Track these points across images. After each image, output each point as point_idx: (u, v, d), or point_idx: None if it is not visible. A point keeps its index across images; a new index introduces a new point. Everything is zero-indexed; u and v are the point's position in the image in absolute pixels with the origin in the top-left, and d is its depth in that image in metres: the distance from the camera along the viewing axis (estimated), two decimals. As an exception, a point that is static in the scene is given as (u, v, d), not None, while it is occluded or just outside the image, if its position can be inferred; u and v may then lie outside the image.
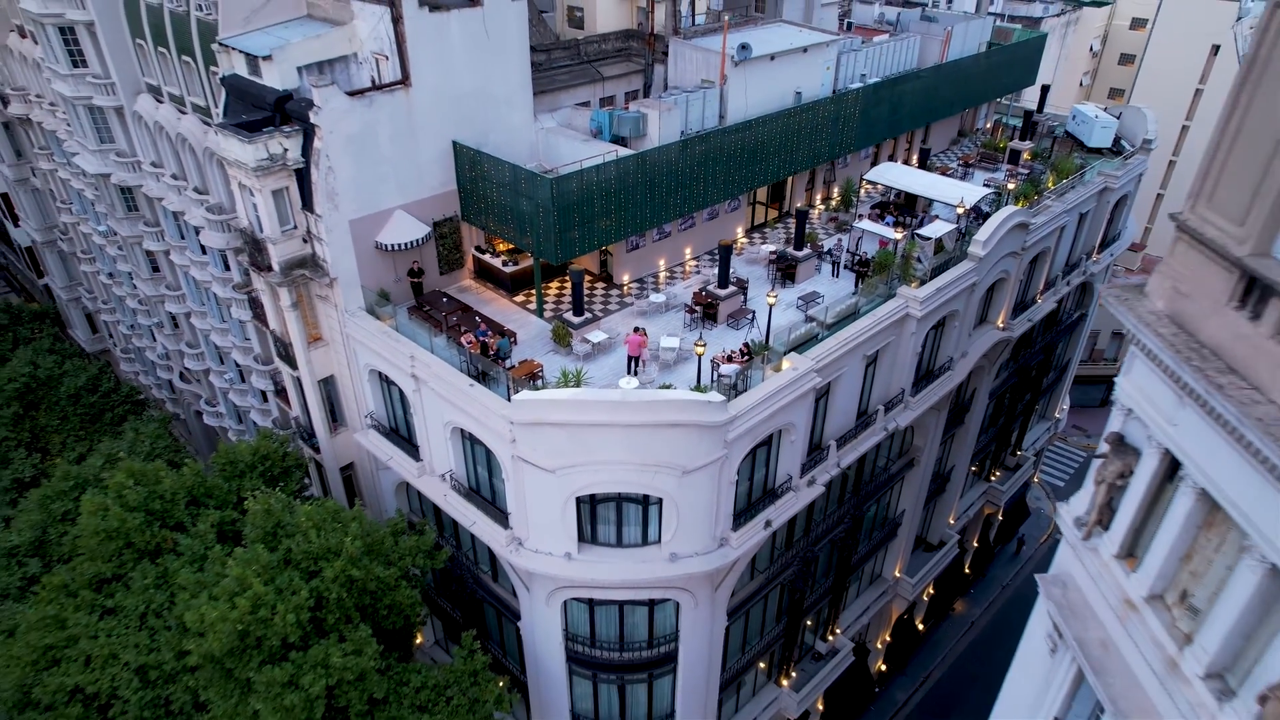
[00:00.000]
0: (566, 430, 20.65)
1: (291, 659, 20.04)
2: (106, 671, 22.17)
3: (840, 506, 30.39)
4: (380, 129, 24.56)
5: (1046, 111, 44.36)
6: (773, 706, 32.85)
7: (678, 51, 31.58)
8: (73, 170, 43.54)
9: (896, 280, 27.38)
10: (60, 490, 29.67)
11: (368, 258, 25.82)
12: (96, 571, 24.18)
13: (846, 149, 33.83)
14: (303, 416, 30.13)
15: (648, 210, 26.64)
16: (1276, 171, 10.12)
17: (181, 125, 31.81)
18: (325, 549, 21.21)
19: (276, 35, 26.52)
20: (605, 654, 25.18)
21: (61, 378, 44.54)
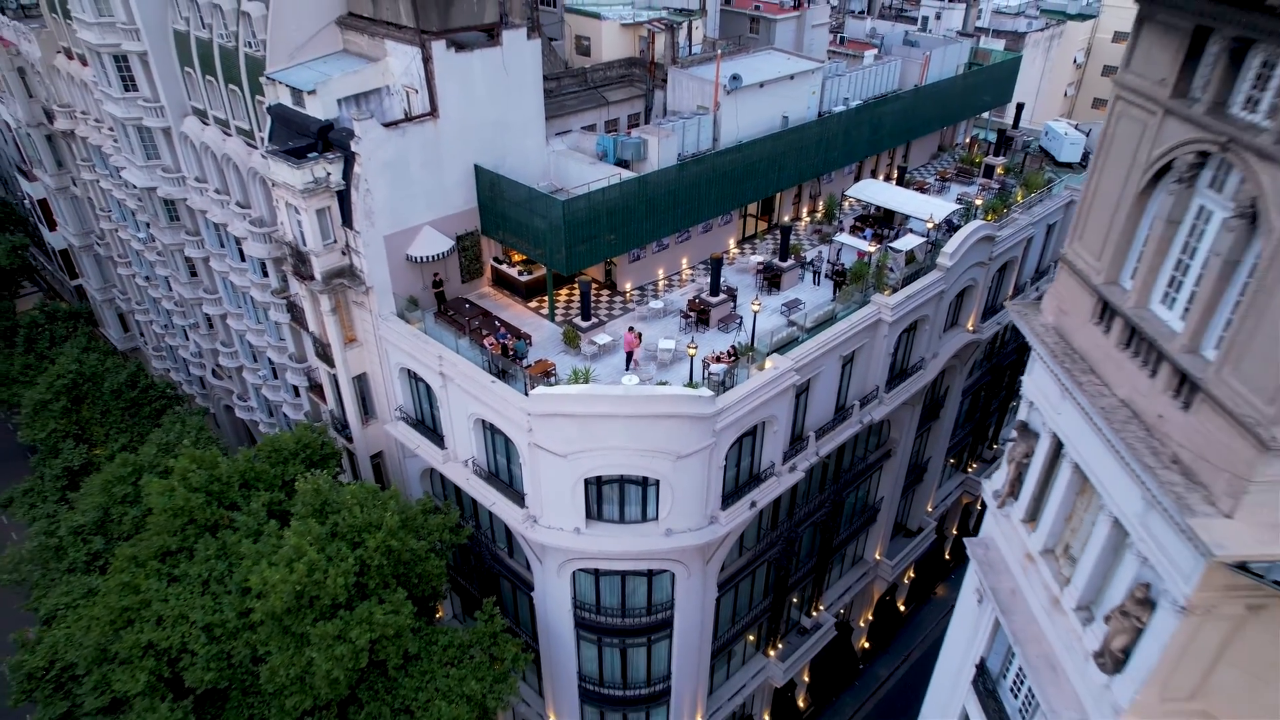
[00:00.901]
0: (576, 421, 23.93)
1: (340, 616, 23.40)
2: (176, 630, 25.49)
3: (822, 492, 33.65)
4: (411, 155, 27.83)
5: (1022, 128, 47.48)
6: (761, 675, 36.15)
7: (676, 79, 34.81)
8: (115, 182, 46.94)
9: (871, 289, 30.60)
10: (120, 475, 33.06)
11: (399, 268, 29.10)
12: (163, 544, 27.53)
13: (830, 167, 37.02)
14: (337, 409, 33.46)
15: (648, 226, 29.86)
16: (1118, 222, 13.39)
17: (227, 146, 35.13)
18: (368, 523, 24.54)
19: (318, 70, 29.83)
20: (609, 620, 28.49)
21: (104, 374, 47.89)
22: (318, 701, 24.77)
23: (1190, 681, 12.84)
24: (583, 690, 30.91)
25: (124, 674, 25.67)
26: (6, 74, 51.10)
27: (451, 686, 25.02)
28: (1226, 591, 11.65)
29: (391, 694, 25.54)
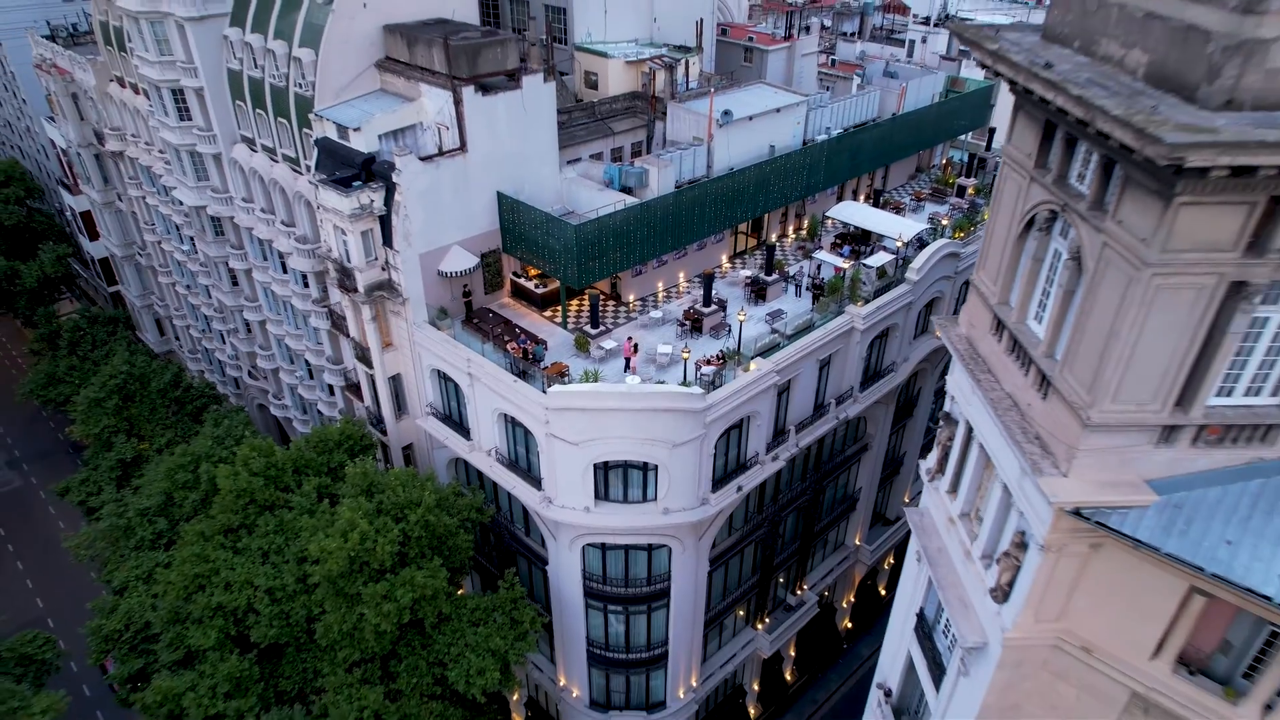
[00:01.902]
0: (587, 414, 28.11)
1: (387, 579, 27.58)
2: (242, 593, 29.70)
3: (803, 480, 37.78)
4: (444, 184, 32.08)
5: (994, 149, 51.58)
6: (750, 646, 40.25)
7: (674, 113, 39.00)
8: (162, 198, 51.35)
9: (846, 300, 34.75)
10: (181, 464, 37.30)
11: (431, 282, 33.31)
12: (228, 521, 31.77)
13: (813, 189, 41.13)
14: (373, 406, 37.68)
15: (649, 245, 34.02)
16: (1005, 258, 17.57)
17: (274, 171, 39.43)
18: (409, 501, 28.76)
19: (360, 108, 34.16)
20: (614, 589, 32.64)
21: (151, 375, 52.24)
22: (364, 654, 29.00)
23: (1055, 606, 16.96)
24: (590, 654, 35.04)
25: (197, 631, 29.93)
26: (61, 99, 55.51)
27: (479, 642, 29.20)
28: (1072, 534, 15.78)
29: (427, 649, 29.76)
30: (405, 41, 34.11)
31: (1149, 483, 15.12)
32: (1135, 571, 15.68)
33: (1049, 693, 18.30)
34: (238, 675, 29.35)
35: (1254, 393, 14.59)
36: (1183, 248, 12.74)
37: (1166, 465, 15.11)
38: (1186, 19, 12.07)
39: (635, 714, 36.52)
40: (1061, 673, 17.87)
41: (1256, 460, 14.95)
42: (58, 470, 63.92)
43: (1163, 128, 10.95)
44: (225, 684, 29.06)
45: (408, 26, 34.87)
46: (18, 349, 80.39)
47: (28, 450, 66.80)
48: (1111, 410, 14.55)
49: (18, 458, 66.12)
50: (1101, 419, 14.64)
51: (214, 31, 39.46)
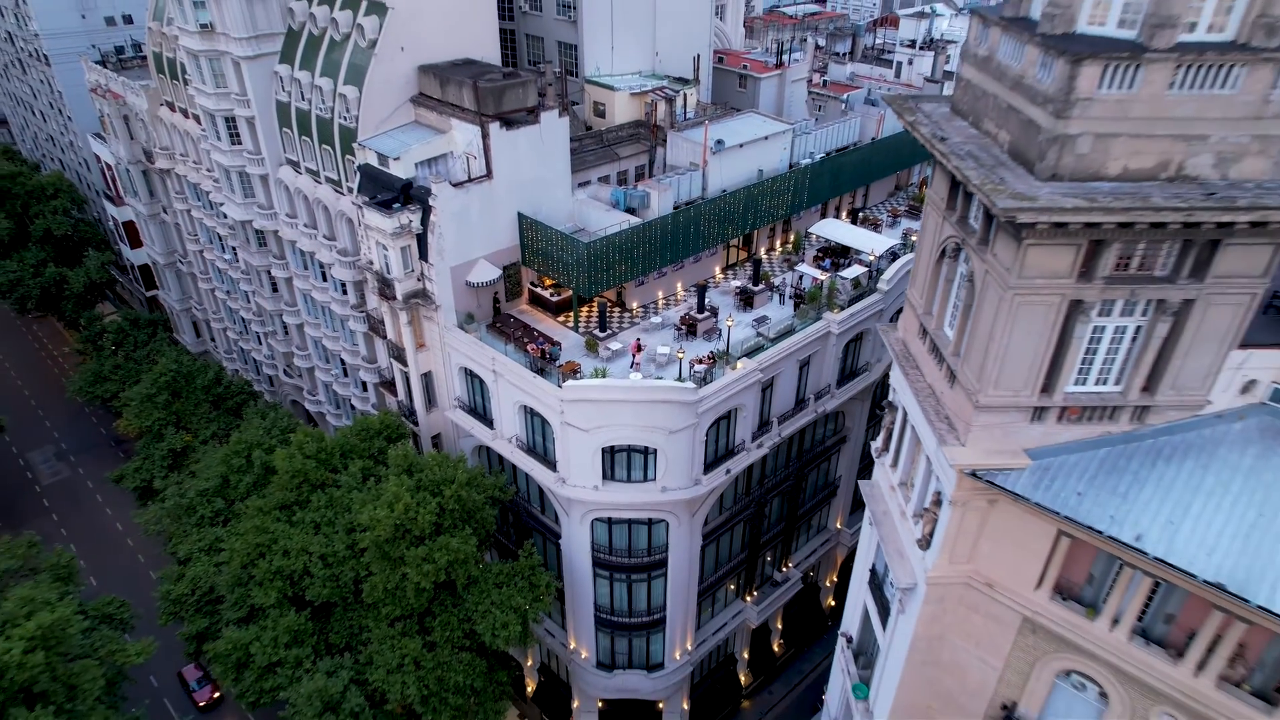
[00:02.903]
0: (596, 405, 32.93)
1: (426, 544, 32.42)
2: (299, 559, 34.55)
3: (787, 467, 42.55)
4: (472, 206, 36.95)
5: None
6: (740, 616, 45.01)
7: (673, 140, 43.85)
8: (207, 212, 56.38)
9: (824, 307, 39.53)
10: (236, 450, 42.22)
11: (460, 291, 38.16)
12: (284, 498, 36.65)
13: (798, 208, 45.89)
14: (406, 400, 42.55)
15: (650, 259, 38.80)
16: (928, 278, 22.40)
17: (318, 192, 44.39)
18: (444, 478, 33.63)
19: (398, 139, 39.11)
20: (618, 559, 37.44)
21: (195, 373, 57.23)
22: (404, 611, 33.86)
23: (965, 550, 21.75)
24: (598, 618, 39.82)
25: (259, 592, 34.80)
26: (114, 120, 60.61)
27: (503, 601, 34.05)
28: (973, 491, 20.57)
29: (458, 607, 34.61)
30: (438, 81, 39.05)
31: (1026, 451, 19.95)
32: (1021, 520, 20.49)
33: (964, 623, 23.12)
34: (295, 629, 34.23)
35: (1101, 382, 19.42)
36: (1033, 275, 17.57)
37: (1039, 437, 19.93)
38: (1029, 114, 16.93)
39: (636, 673, 41.29)
40: (973, 605, 22.69)
41: (1105, 434, 19.77)
42: (102, 461, 69.02)
43: (1000, 195, 15.80)
44: (285, 636, 33.94)
45: (439, 67, 39.81)
46: (58, 349, 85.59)
47: (74, 443, 71.79)
48: (995, 395, 19.38)
49: (65, 450, 71.11)
50: (988, 401, 19.46)
51: (265, 68, 44.44)
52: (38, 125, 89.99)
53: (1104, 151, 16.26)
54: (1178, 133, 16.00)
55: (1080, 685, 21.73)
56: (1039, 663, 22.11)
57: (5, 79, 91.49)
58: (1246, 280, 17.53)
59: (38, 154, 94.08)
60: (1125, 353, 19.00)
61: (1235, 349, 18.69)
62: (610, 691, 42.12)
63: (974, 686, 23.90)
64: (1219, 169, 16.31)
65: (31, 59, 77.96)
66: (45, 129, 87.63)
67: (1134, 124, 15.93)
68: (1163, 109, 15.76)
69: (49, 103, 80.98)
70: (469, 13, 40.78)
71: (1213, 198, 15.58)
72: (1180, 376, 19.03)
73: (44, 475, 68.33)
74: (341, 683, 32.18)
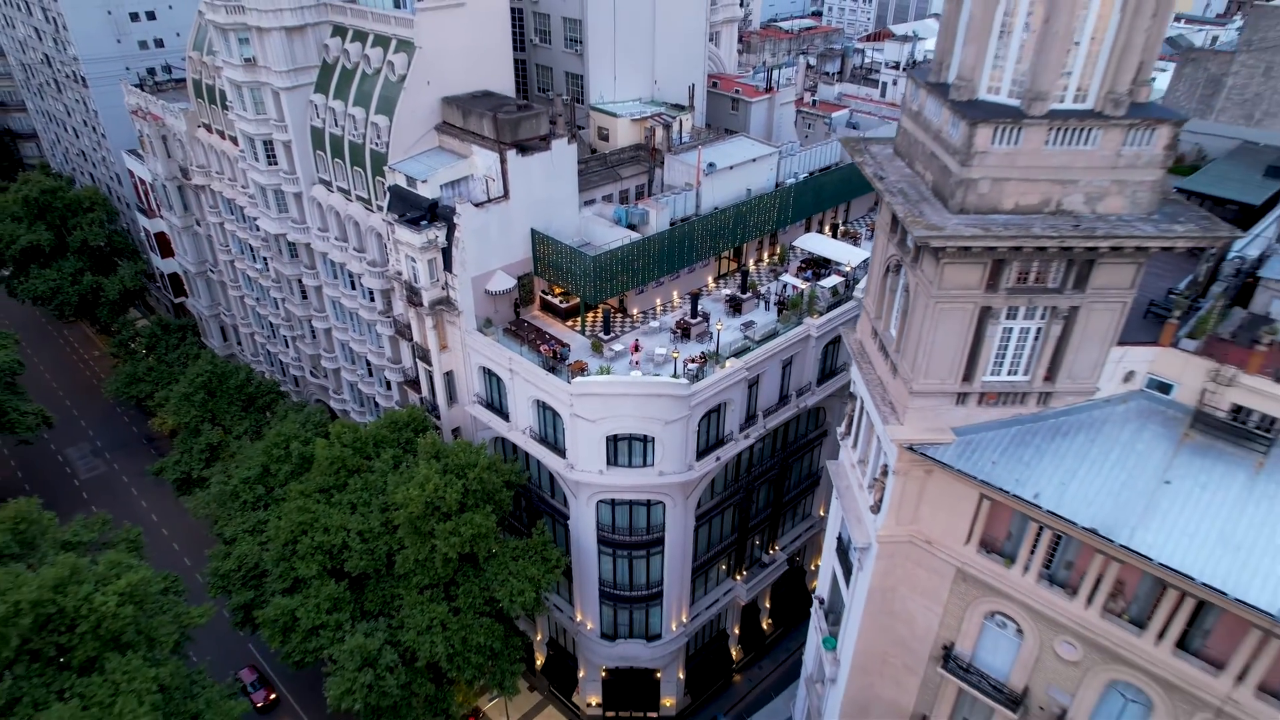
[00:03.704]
0: (601, 399, 37.57)
1: (453, 519, 37.01)
2: (338, 535, 39.11)
3: (772, 457, 47.14)
4: (491, 223, 41.65)
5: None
6: (730, 593, 49.56)
7: (670, 162, 48.62)
8: (240, 225, 61.13)
9: (805, 313, 44.19)
10: (275, 442, 46.78)
11: (480, 298, 42.82)
12: (323, 482, 41.25)
13: (783, 224, 50.60)
14: (429, 396, 47.20)
15: (649, 270, 43.46)
16: (878, 288, 27.11)
17: (350, 209, 49.15)
18: (468, 462, 38.26)
19: (424, 163, 43.88)
20: (621, 537, 42.02)
21: (228, 374, 61.91)
22: (432, 580, 38.44)
23: (909, 513, 26.38)
24: (602, 592, 44.38)
25: (302, 565, 39.36)
26: (153, 140, 65.44)
27: (519, 571, 38.66)
28: (912, 463, 25.20)
29: (479, 577, 39.21)
30: (460, 111, 43.85)
31: (953, 429, 24.60)
32: (952, 486, 25.12)
33: (910, 576, 27.74)
34: (335, 597, 38.77)
35: (1012, 372, 24.10)
36: (950, 287, 22.26)
37: (963, 418, 24.58)
38: (944, 161, 21.65)
39: (637, 642, 45.83)
40: (917, 560, 27.32)
41: (1016, 415, 24.44)
42: (135, 458, 73.67)
43: (916, 226, 20.50)
44: (326, 603, 38.47)
45: (461, 99, 44.62)
46: (89, 353, 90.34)
47: (108, 441, 76.44)
48: (925, 383, 24.05)
49: (100, 447, 75.74)
50: (920, 388, 24.13)
51: (301, 97, 49.26)
52: (69, 141, 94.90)
53: (999, 191, 20.96)
54: (1054, 178, 20.72)
55: (1002, 624, 26.35)
56: (970, 607, 26.72)
57: (39, 97, 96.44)
58: (1118, 291, 22.21)
59: (68, 168, 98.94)
60: (1029, 349, 23.66)
61: (1115, 346, 23.35)
62: (613, 660, 46.65)
63: (920, 631, 28.51)
64: (1089, 205, 21.02)
65: (68, 80, 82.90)
66: (76, 144, 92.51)
67: (1021, 170, 20.65)
68: (1041, 160, 20.48)
69: (83, 120, 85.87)
70: (487, 50, 45.63)
71: (1078, 228, 20.29)
72: (1074, 368, 23.70)
73: (81, 470, 72.96)
74: (378, 642, 36.70)
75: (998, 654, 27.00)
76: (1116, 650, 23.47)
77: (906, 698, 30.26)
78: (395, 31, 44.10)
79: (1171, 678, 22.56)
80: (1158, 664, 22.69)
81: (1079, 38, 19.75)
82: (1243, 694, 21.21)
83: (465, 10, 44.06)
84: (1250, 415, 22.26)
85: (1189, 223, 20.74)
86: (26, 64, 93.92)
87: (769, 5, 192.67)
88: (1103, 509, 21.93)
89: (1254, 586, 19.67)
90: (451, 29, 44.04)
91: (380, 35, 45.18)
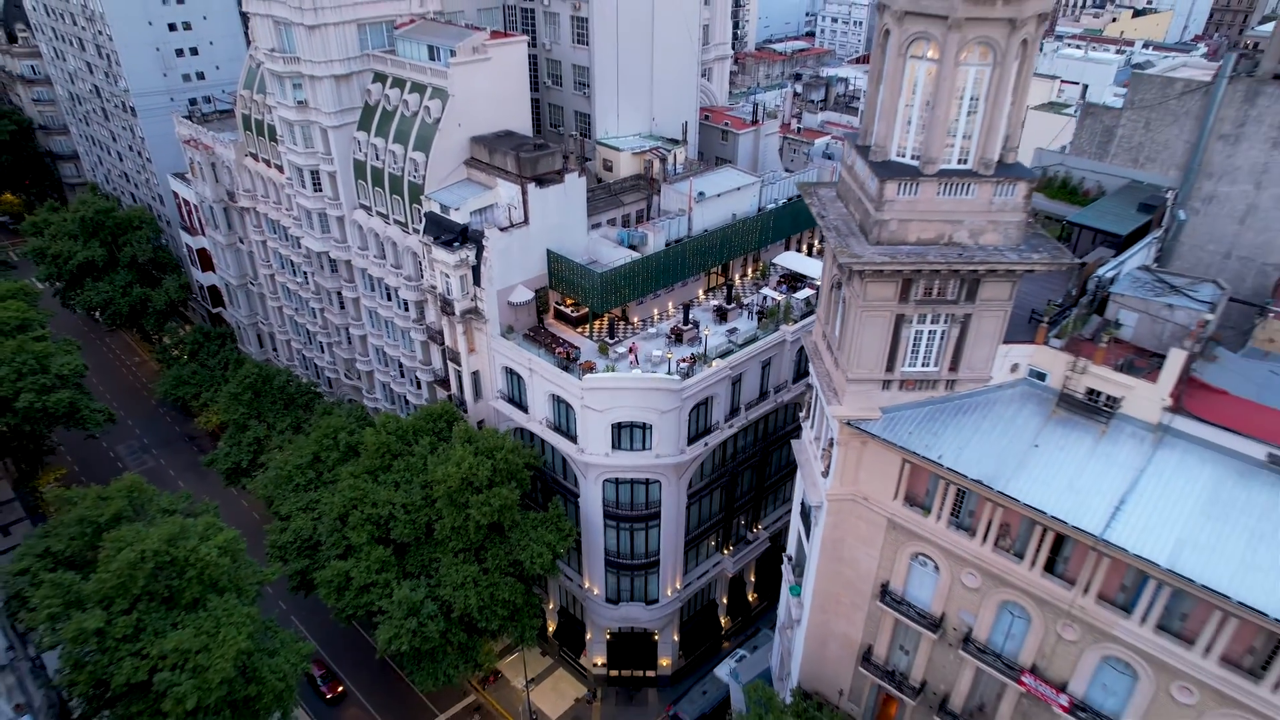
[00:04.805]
0: (608, 392, 44.91)
1: (484, 492, 44.29)
2: (385, 508, 46.34)
3: (754, 446, 54.43)
4: (513, 245, 49.09)
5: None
6: (719, 565, 56.75)
7: (666, 191, 56.15)
8: (283, 243, 68.63)
9: (781, 321, 51.58)
10: (326, 433, 54.06)
11: (503, 309, 50.21)
12: (370, 465, 48.54)
13: (764, 243, 58.07)
14: (458, 393, 54.52)
15: (648, 284, 50.85)
16: (826, 299, 34.58)
17: (388, 231, 56.66)
18: (496, 446, 45.59)
19: (456, 193, 51.42)
20: (623, 512, 49.27)
21: (272, 376, 69.26)
22: (466, 545, 45.69)
23: (851, 476, 33.69)
24: (607, 561, 51.57)
25: (354, 533, 46.59)
26: (203, 166, 73.07)
27: (538, 538, 45.93)
28: (851, 435, 32.55)
29: (504, 543, 46.49)
30: (486, 149, 51.43)
31: (881, 408, 31.92)
32: (882, 453, 32.44)
33: (854, 527, 35.01)
34: (382, 560, 45.97)
35: (924, 364, 31.45)
36: (872, 299, 29.64)
37: (888, 399, 31.92)
38: (865, 205, 29.10)
39: (637, 605, 52.99)
40: (858, 515, 34.60)
41: (929, 398, 31.78)
42: (179, 454, 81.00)
43: (843, 254, 27.94)
44: (375, 565, 45.66)
45: (487, 137, 52.20)
46: (130, 359, 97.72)
47: (154, 439, 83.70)
48: (858, 372, 31.40)
49: (147, 444, 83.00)
50: (854, 376, 31.49)
51: (346, 133, 56.86)
52: (111, 163, 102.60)
53: (905, 229, 28.40)
54: (945, 219, 28.16)
55: (924, 562, 33.61)
56: (899, 550, 33.98)
57: (85, 123, 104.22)
58: (1000, 302, 29.60)
59: (110, 188, 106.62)
60: (936, 346, 31.02)
61: (1002, 344, 30.72)
62: (616, 621, 53.81)
63: (863, 573, 35.74)
64: (972, 239, 28.45)
65: (117, 109, 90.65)
66: (119, 167, 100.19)
67: (920, 214, 28.09)
68: (935, 206, 27.93)
69: (128, 145, 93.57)
70: (509, 96, 53.30)
71: (961, 256, 27.72)
72: (972, 361, 31.07)
73: (131, 465, 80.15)
74: (421, 595, 43.91)
75: (922, 588, 34.24)
76: (1004, 577, 30.73)
77: (855, 630, 37.46)
78: (430, 81, 51.72)
79: (1042, 594, 29.82)
80: (1032, 585, 29.96)
81: (956, 120, 27.24)
82: (1087, 601, 28.48)
83: (490, 63, 51.70)
84: (1099, 396, 29.63)
85: (1044, 252, 28.17)
86: (74, 93, 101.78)
87: (764, 27, 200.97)
88: (987, 466, 29.26)
89: (1086, 517, 26.99)
90: (479, 78, 51.66)
91: (417, 83, 52.78)
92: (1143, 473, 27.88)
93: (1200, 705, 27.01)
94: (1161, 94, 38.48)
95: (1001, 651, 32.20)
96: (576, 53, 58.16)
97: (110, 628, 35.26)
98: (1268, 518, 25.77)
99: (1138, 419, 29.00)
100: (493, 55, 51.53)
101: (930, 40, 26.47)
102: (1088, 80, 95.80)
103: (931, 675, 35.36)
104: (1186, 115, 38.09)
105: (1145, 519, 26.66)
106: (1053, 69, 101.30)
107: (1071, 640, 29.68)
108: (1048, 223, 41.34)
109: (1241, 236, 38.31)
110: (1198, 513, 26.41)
